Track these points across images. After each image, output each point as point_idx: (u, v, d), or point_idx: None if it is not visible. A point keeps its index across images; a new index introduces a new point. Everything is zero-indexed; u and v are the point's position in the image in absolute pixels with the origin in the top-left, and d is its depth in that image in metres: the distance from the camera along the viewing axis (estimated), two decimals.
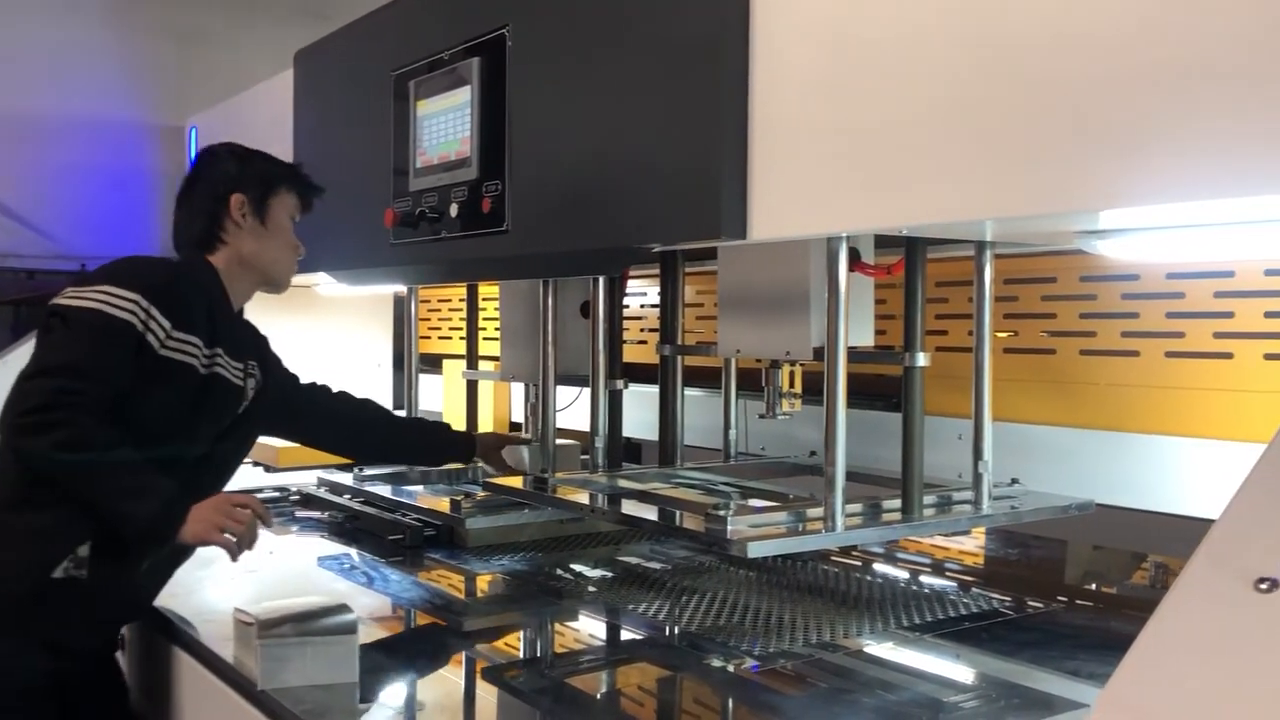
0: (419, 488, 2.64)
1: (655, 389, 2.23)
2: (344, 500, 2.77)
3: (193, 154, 3.58)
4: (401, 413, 2.77)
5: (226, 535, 1.76)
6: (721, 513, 1.55)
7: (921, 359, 1.67)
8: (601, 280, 2.11)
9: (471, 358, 2.79)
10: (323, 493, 2.89)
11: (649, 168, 1.63)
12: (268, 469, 3.18)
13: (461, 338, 3.74)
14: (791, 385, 1.90)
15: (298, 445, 3.01)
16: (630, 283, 2.73)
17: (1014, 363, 2.01)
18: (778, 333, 1.83)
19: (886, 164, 1.33)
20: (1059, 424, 1.95)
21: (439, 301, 3.83)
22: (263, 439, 3.22)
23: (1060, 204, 1.19)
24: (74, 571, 1.75)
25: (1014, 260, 2.00)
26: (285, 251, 2.07)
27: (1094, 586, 2.14)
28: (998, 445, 1.79)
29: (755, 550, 1.46)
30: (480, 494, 2.40)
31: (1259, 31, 0.99)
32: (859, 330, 1.79)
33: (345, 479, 2.75)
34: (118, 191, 3.67)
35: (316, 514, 2.79)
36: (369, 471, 2.69)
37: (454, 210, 2.06)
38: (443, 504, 2.45)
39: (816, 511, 1.61)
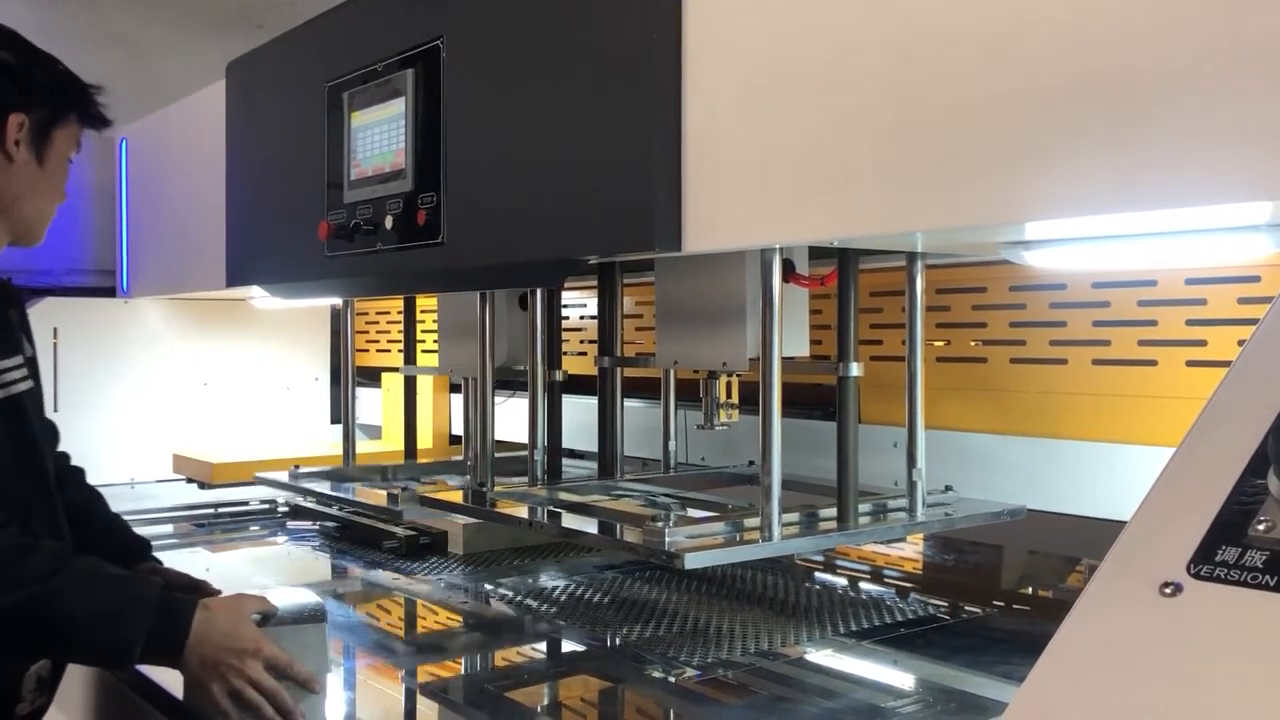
0: (355, 484, 2.59)
1: (594, 400, 2.23)
2: (334, 510, 2.73)
3: (124, 167, 3.52)
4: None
5: (226, 702, 1.38)
6: (660, 524, 1.56)
7: (855, 369, 1.69)
8: (540, 291, 2.11)
9: (410, 388, 2.78)
10: (312, 504, 2.84)
11: (584, 180, 1.63)
12: (202, 485, 3.12)
13: (400, 350, 3.72)
14: (729, 396, 1.90)
15: (232, 462, 2.96)
16: (569, 294, 2.74)
17: (946, 371, 2.04)
18: (714, 344, 1.84)
19: (817, 177, 1.35)
20: (991, 431, 1.98)
21: (377, 314, 3.79)
22: (198, 455, 3.18)
23: (986, 216, 1.21)
24: (39, 700, 1.54)
25: (945, 270, 2.04)
26: (54, 201, 1.60)
27: (1027, 591, 2.17)
28: (931, 453, 1.81)
29: (692, 562, 1.47)
30: (419, 488, 2.37)
31: (1182, 47, 1.02)
32: (794, 341, 1.81)
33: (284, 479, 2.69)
34: None
35: (307, 524, 2.76)
36: (304, 469, 2.64)
37: (389, 222, 2.05)
38: (378, 496, 2.41)
39: (753, 521, 1.62)
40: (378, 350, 3.80)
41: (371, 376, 3.63)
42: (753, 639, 1.77)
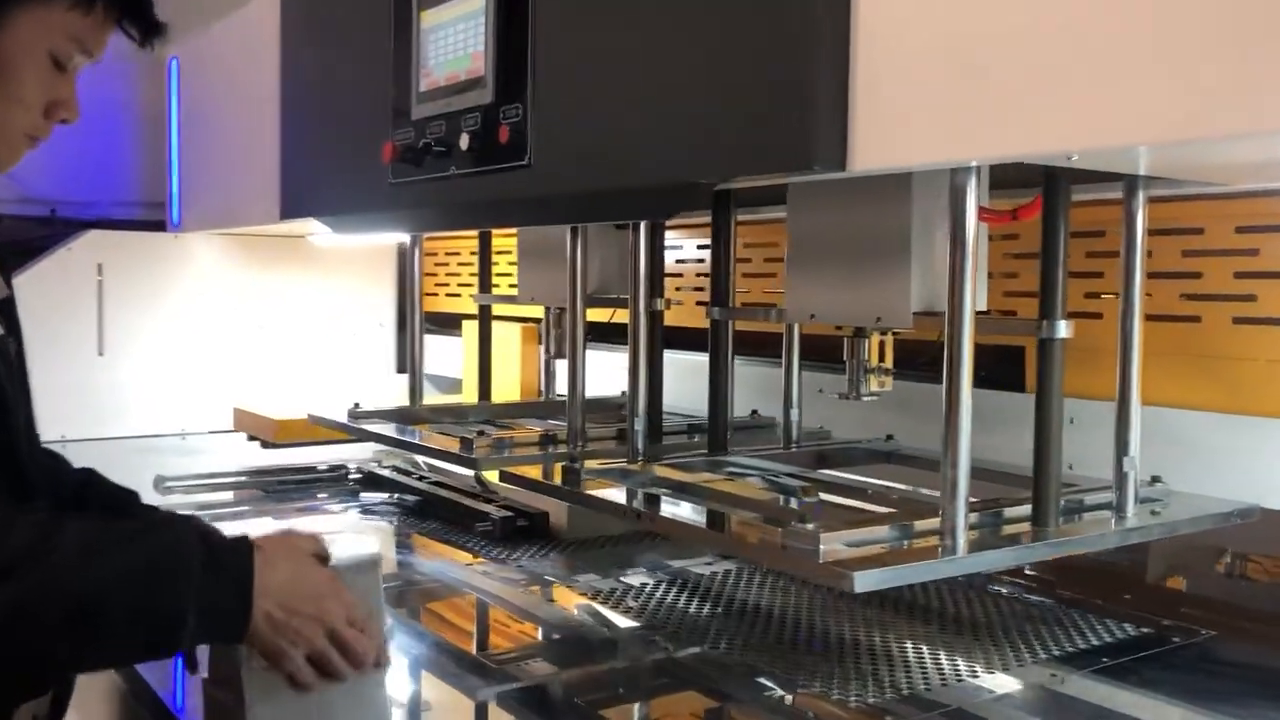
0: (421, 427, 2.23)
1: (686, 355, 1.89)
2: (413, 481, 2.39)
3: (174, 90, 3.22)
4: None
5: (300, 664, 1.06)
6: (810, 526, 1.20)
7: (1063, 329, 1.31)
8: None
9: (485, 318, 2.44)
10: (389, 472, 2.50)
11: (715, 83, 1.27)
12: (265, 444, 2.79)
13: (472, 296, 3.40)
14: (882, 359, 1.54)
15: (296, 419, 2.59)
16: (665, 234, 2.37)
17: (1146, 332, 1.64)
18: (867, 294, 1.47)
19: (1048, 66, 0.98)
20: (1205, 408, 1.59)
21: (446, 254, 3.46)
22: (261, 410, 2.87)
23: None
24: None
25: (1150, 206, 1.64)
26: (10, 108, 1.21)
27: (1264, 607, 1.75)
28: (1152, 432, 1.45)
29: (865, 583, 1.11)
30: (500, 433, 2.02)
31: None
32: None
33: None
34: (89, 130, 3.29)
35: (383, 496, 2.41)
36: (364, 409, 2.27)
37: (465, 142, 1.70)
38: (451, 443, 2.01)
39: (926, 524, 1.27)
40: (447, 295, 3.48)
41: (441, 323, 3.32)
42: (915, 660, 1.41)
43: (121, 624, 1.00)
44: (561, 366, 2.29)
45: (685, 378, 2.08)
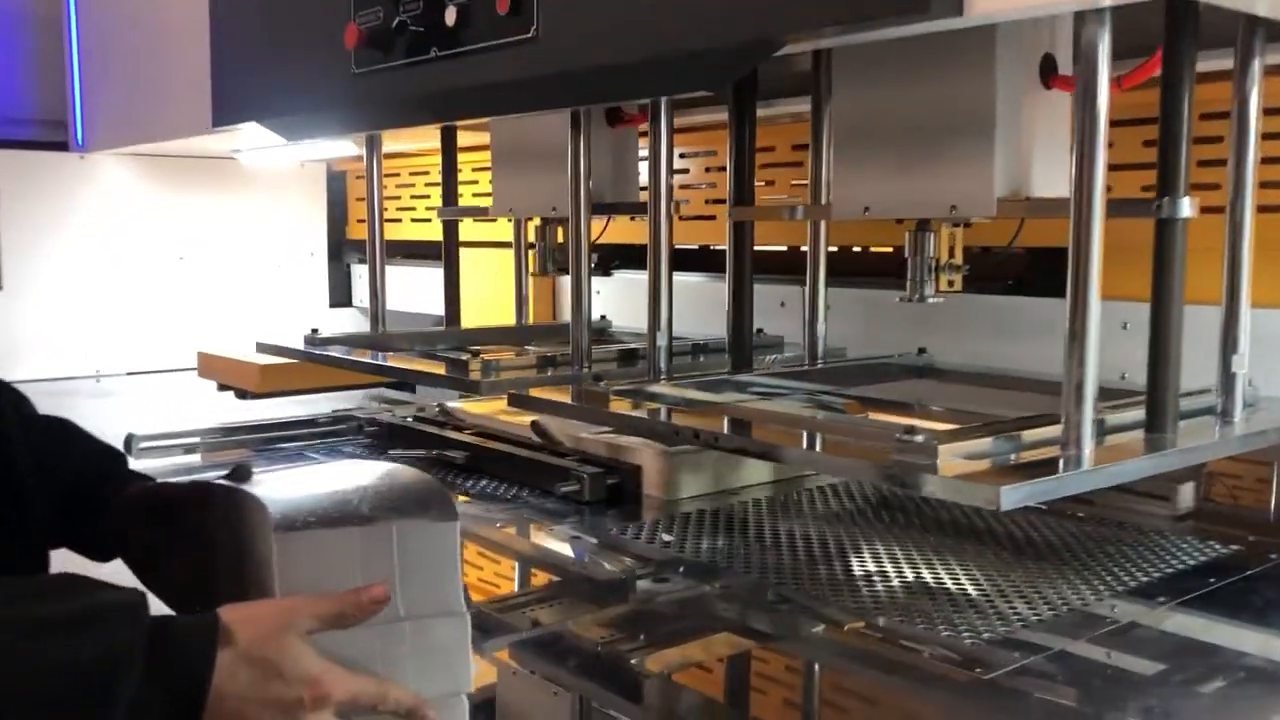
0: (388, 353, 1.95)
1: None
2: (449, 433, 1.91)
3: None
4: None
5: None
6: (919, 439, 1.03)
7: (1186, 207, 1.15)
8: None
9: (450, 234, 2.21)
10: (410, 421, 2.01)
11: None
12: (240, 394, 2.34)
13: (414, 219, 3.15)
14: (951, 255, 1.37)
15: (281, 363, 2.20)
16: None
17: (1216, 226, 1.51)
18: (938, 179, 1.29)
19: None
20: None
21: (385, 175, 3.18)
22: (237, 355, 2.49)
23: None
24: None
25: (1215, 84, 1.49)
26: None
27: None
28: (1202, 334, 1.31)
29: (1011, 499, 0.94)
30: (489, 353, 1.78)
31: None
32: (1056, 174, 1.28)
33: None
34: None
35: (419, 453, 1.87)
36: (324, 335, 2.00)
37: (450, 16, 1.48)
38: (436, 367, 1.78)
39: (1042, 434, 1.11)
40: (386, 220, 3.20)
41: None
42: (1013, 592, 1.24)
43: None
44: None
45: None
